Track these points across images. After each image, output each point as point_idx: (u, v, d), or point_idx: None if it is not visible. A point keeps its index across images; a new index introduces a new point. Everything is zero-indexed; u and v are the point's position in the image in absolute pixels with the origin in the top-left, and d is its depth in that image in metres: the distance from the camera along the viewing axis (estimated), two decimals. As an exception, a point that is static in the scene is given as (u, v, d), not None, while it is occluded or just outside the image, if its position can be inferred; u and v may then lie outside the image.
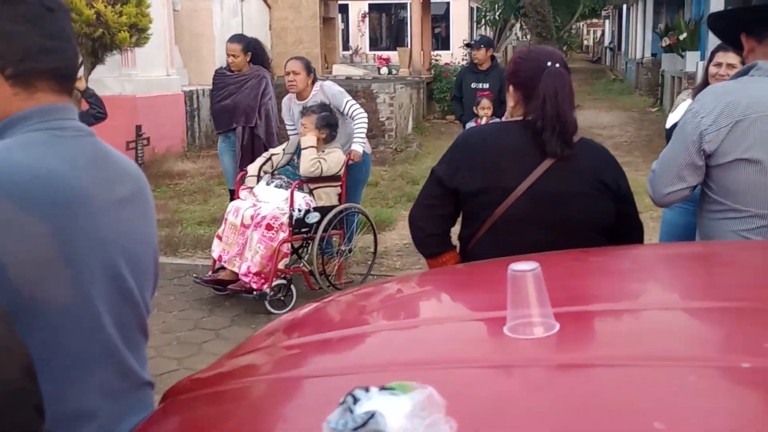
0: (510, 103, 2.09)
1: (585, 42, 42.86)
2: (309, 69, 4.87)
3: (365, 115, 4.88)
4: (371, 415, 0.84)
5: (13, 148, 1.16)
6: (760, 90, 1.91)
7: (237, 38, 5.39)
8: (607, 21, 32.60)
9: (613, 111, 15.51)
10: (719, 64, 3.30)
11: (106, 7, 7.06)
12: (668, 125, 3.51)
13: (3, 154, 1.15)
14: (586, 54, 40.17)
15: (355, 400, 0.88)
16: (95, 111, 4.81)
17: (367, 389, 0.90)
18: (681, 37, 13.60)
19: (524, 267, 1.31)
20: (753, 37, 2.01)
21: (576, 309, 1.42)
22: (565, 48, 17.55)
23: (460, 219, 2.18)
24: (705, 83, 3.34)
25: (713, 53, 3.40)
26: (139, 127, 8.16)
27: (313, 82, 4.91)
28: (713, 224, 2.08)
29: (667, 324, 1.33)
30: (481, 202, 2.00)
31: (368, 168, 5.11)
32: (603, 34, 36.56)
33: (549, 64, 1.95)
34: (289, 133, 5.13)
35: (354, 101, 4.92)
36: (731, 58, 3.18)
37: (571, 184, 1.96)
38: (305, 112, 4.63)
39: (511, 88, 2.07)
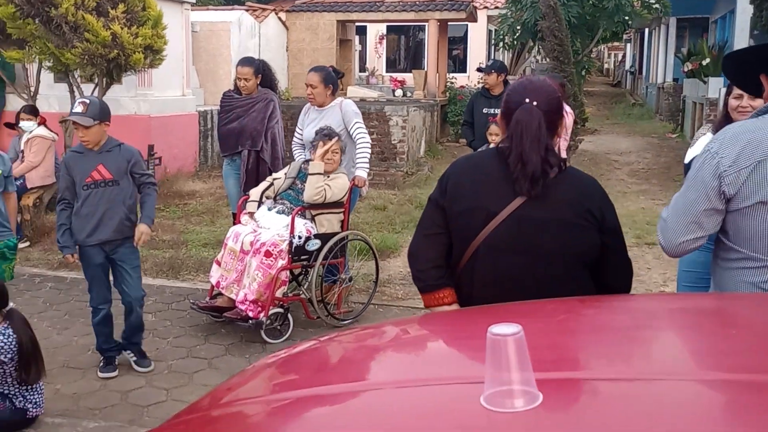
0: (500, 131, 2.08)
1: (606, 65, 42.63)
2: (327, 80, 4.81)
3: (369, 140, 4.79)
4: None
5: None
6: None
7: (248, 61, 5.28)
8: (628, 44, 32.40)
9: (631, 136, 15.29)
10: (740, 96, 3.13)
11: (122, 28, 7.07)
12: (687, 160, 3.32)
13: None
14: (606, 77, 39.91)
15: None
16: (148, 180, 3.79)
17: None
18: (704, 63, 13.40)
19: (505, 330, 1.18)
20: None
21: (563, 375, 1.28)
22: (583, 72, 17.36)
23: None
24: (725, 116, 3.16)
25: (732, 84, 3.23)
26: (151, 147, 8.15)
27: (333, 93, 4.85)
28: (728, 274, 1.91)
29: (668, 399, 1.17)
30: (465, 224, 1.98)
31: (356, 193, 4.96)
32: (624, 58, 36.29)
33: (527, 101, 1.93)
34: (295, 138, 5.03)
35: (363, 125, 4.82)
36: None
37: (555, 212, 1.91)
38: (321, 136, 4.48)
39: (500, 116, 2.05)
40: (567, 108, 6.17)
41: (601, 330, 1.52)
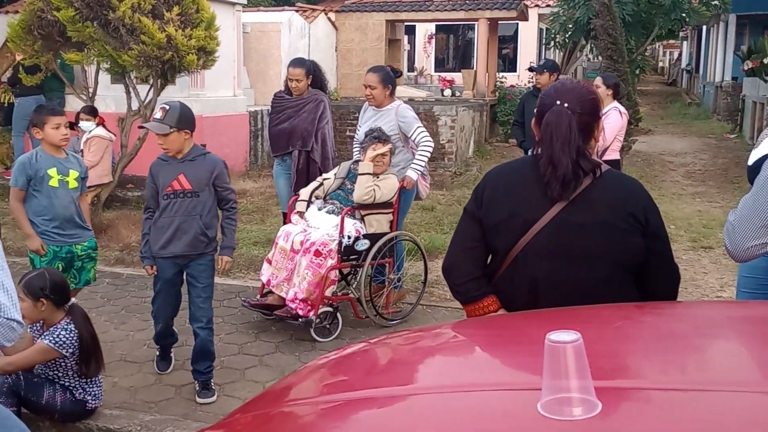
0: (535, 135, 2.02)
1: (660, 64, 41.51)
2: (386, 81, 4.77)
3: (432, 143, 4.75)
4: None
5: None
6: None
7: (299, 62, 5.31)
8: (684, 42, 31.43)
9: (687, 137, 14.85)
10: None
11: (176, 30, 7.23)
12: (750, 162, 3.20)
13: None
14: (661, 76, 38.86)
15: None
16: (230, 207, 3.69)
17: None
18: (765, 61, 12.91)
19: (564, 337, 1.16)
20: None
21: (623, 384, 1.25)
22: (637, 71, 16.92)
23: None
24: None
25: None
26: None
27: (392, 94, 4.83)
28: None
29: (730, 411, 1.14)
30: (503, 232, 1.94)
31: (410, 196, 4.93)
32: (680, 56, 35.24)
33: (558, 103, 1.88)
34: (356, 136, 5.03)
35: (425, 129, 4.80)
36: None
37: (596, 215, 1.86)
38: (371, 138, 4.48)
39: (534, 121, 2.01)
40: (621, 108, 6.03)
41: (660, 338, 1.48)
